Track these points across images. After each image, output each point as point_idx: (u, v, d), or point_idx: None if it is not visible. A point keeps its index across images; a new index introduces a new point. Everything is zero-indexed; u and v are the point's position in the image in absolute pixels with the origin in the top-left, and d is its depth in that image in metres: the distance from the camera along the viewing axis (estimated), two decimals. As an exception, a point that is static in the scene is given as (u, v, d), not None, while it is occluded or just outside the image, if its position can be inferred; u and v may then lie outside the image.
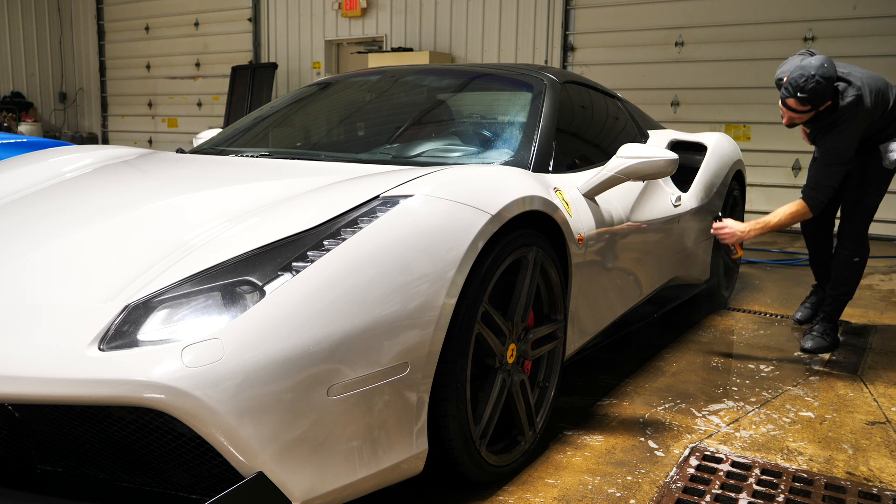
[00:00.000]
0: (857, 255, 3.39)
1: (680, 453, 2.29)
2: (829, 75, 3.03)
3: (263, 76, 10.15)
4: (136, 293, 1.57)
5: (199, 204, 2.04)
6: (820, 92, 3.03)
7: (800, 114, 3.14)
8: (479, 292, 1.87)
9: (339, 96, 3.41)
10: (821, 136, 3.21)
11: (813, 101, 3.06)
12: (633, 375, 3.00)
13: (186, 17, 11.66)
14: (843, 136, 3.13)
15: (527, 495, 2.00)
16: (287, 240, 1.69)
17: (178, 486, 1.52)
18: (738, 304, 4.24)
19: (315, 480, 1.53)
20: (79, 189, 2.33)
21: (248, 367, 1.44)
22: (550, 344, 2.28)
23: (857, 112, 3.11)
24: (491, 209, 1.91)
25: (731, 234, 3.28)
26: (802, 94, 3.04)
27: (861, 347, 3.46)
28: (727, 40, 7.53)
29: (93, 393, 1.40)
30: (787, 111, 3.17)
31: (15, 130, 11.56)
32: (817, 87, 3.02)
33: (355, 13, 9.90)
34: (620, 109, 3.71)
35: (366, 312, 1.60)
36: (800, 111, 3.12)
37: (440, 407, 1.80)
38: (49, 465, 1.57)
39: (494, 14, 8.95)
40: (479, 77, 3.25)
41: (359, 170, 2.34)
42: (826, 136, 3.18)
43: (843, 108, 3.11)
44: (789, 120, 3.21)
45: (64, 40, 13.08)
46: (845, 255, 3.40)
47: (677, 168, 2.64)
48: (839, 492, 2.08)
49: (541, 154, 2.61)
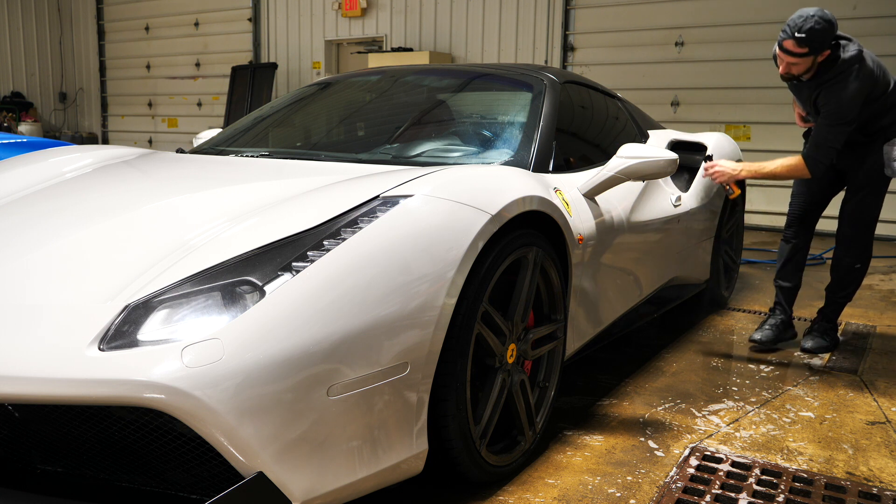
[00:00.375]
0: (860, 262, 3.29)
1: (680, 453, 2.29)
2: (828, 18, 2.88)
3: (263, 76, 10.16)
4: (136, 293, 1.57)
5: (199, 204, 2.04)
6: (819, 34, 2.86)
7: (797, 58, 2.94)
8: (479, 292, 1.87)
9: (339, 96, 3.41)
10: (823, 95, 3.03)
11: (811, 44, 2.88)
12: (633, 375, 3.00)
13: (186, 17, 11.66)
14: (846, 92, 2.96)
15: (527, 495, 2.00)
16: (287, 240, 1.69)
17: (178, 486, 1.52)
18: (738, 304, 4.24)
19: (315, 480, 1.53)
20: (79, 189, 2.33)
21: (248, 367, 1.44)
22: (550, 344, 2.28)
23: (860, 69, 2.96)
24: (491, 209, 1.91)
25: (721, 172, 3.20)
26: (800, 35, 2.87)
27: (861, 347, 3.46)
28: (727, 40, 7.53)
29: (93, 393, 1.40)
30: (784, 56, 2.98)
31: (15, 130, 11.56)
32: (816, 26, 2.85)
33: (355, 13, 9.90)
34: (620, 109, 3.71)
35: (366, 312, 1.60)
36: (797, 54, 2.93)
37: (440, 407, 1.80)
38: (49, 465, 1.57)
39: (494, 14, 8.95)
40: (479, 77, 3.25)
41: (359, 170, 2.34)
42: (828, 93, 3.00)
43: (844, 62, 2.96)
44: (786, 68, 3.02)
45: (64, 40, 13.08)
46: (848, 263, 3.29)
47: (677, 168, 2.64)
48: (839, 492, 2.08)
49: (541, 154, 2.61)
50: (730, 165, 3.18)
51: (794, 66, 2.98)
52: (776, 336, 3.39)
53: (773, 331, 3.40)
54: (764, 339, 3.38)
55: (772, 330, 3.40)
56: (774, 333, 3.39)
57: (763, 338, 3.38)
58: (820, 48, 2.91)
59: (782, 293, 3.48)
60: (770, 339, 3.38)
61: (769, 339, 3.38)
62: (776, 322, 3.43)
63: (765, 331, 3.40)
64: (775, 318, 3.44)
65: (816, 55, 2.94)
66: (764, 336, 3.38)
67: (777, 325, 3.41)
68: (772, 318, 3.46)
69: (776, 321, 3.43)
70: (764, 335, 3.39)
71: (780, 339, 3.41)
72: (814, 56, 2.94)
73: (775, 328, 3.40)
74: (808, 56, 2.93)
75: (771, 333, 3.39)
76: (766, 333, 3.39)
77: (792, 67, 3.00)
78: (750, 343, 3.40)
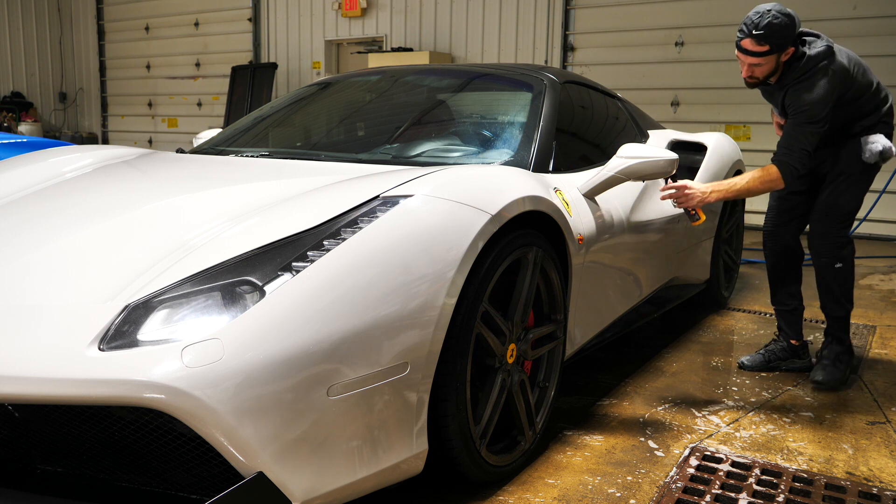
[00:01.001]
0: (839, 261, 2.89)
1: (680, 453, 2.29)
2: (787, 13, 2.66)
3: (263, 76, 10.16)
4: (136, 293, 1.57)
5: (199, 204, 2.04)
6: (779, 29, 2.64)
7: (758, 57, 2.70)
8: (479, 292, 1.87)
9: (339, 96, 3.41)
10: (790, 94, 2.78)
11: (771, 40, 2.65)
12: (633, 375, 3.00)
13: (186, 17, 11.66)
14: (815, 89, 2.70)
15: (527, 495, 2.00)
16: (287, 240, 1.69)
17: (178, 486, 1.52)
18: (738, 304, 4.24)
19: (315, 480, 1.53)
20: (79, 189, 2.33)
21: (248, 367, 1.44)
22: (550, 344, 2.28)
23: (829, 65, 2.71)
24: (491, 209, 1.91)
25: (689, 196, 2.75)
26: (758, 31, 2.65)
27: (861, 347, 3.46)
28: (727, 40, 7.50)
29: (93, 393, 1.40)
30: (744, 58, 2.74)
31: (15, 130, 11.56)
32: (774, 21, 2.63)
33: (355, 13, 9.90)
34: (620, 109, 3.71)
35: (366, 312, 1.60)
36: (757, 54, 2.69)
37: (440, 407, 1.80)
38: (49, 465, 1.57)
39: (494, 14, 8.95)
40: (479, 77, 3.25)
41: (359, 170, 2.34)
42: (795, 91, 2.75)
43: (810, 59, 2.72)
44: (748, 71, 2.77)
45: (64, 40, 13.08)
46: (825, 264, 2.91)
47: (677, 168, 2.64)
48: (839, 492, 2.08)
49: (541, 154, 2.61)
50: (698, 187, 2.75)
51: (757, 67, 2.75)
52: (764, 361, 3.11)
53: (762, 357, 3.13)
54: (747, 364, 3.12)
55: (762, 356, 3.13)
56: (763, 359, 3.12)
57: (748, 362, 3.13)
58: (782, 45, 2.69)
59: (780, 319, 3.19)
60: (753, 365, 3.11)
61: (753, 365, 3.11)
62: (772, 348, 3.14)
63: (754, 355, 3.16)
64: (773, 345, 3.16)
65: (779, 53, 2.71)
66: (748, 360, 3.14)
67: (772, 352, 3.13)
68: (771, 343, 3.18)
69: (773, 347, 3.15)
70: (750, 359, 3.14)
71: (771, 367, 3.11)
72: (776, 54, 2.71)
73: (764, 354, 3.13)
74: (769, 54, 2.70)
75: (759, 359, 3.12)
76: (754, 358, 3.14)
77: (755, 69, 2.77)
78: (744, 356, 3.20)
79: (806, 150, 2.73)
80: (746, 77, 2.82)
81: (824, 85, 2.71)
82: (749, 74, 2.80)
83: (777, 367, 3.11)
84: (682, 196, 2.75)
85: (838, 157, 2.90)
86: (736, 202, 4.16)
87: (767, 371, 3.08)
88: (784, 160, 2.75)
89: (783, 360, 3.12)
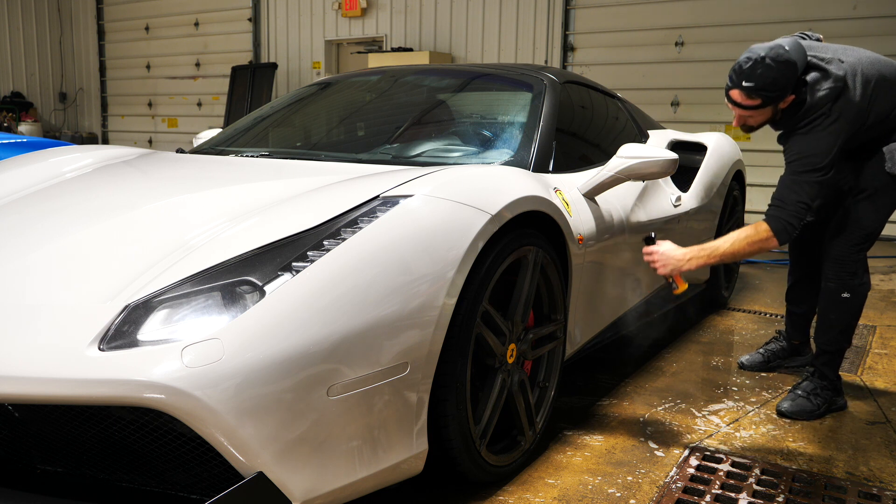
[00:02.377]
0: (848, 290, 2.55)
1: (680, 453, 2.29)
2: (784, 59, 2.30)
3: (263, 76, 10.16)
4: (136, 293, 1.57)
5: (199, 204, 2.04)
6: (771, 81, 2.31)
7: (750, 111, 2.41)
8: (479, 292, 1.87)
9: (339, 96, 3.41)
10: (786, 139, 2.47)
11: (763, 93, 2.34)
12: (633, 375, 3.00)
13: (186, 17, 11.66)
14: (816, 140, 2.36)
15: (527, 495, 2.00)
16: (287, 240, 1.69)
17: (178, 486, 1.52)
18: (738, 304, 4.24)
19: (315, 480, 1.53)
20: (79, 189, 2.33)
21: (248, 367, 1.44)
22: (550, 344, 2.29)
23: (838, 104, 2.35)
24: (491, 209, 1.91)
25: (664, 261, 2.46)
26: (748, 84, 2.33)
27: (861, 347, 3.46)
28: (727, 40, 7.52)
29: (93, 393, 1.40)
30: (734, 109, 2.46)
31: (15, 130, 11.56)
32: (767, 73, 2.30)
33: (355, 13, 9.90)
34: (620, 109, 3.71)
35: (366, 312, 1.60)
36: (748, 107, 2.39)
37: (440, 407, 1.80)
38: (49, 465, 1.57)
39: (494, 14, 8.95)
40: (479, 77, 3.25)
41: (359, 170, 2.34)
42: (792, 138, 2.43)
43: (813, 106, 2.36)
44: (740, 120, 2.48)
45: (64, 40, 13.08)
46: (831, 290, 2.58)
47: (677, 168, 2.64)
48: (839, 492, 2.08)
49: (541, 154, 2.61)
50: (675, 253, 2.45)
51: (750, 118, 2.45)
52: (764, 361, 3.08)
53: (762, 356, 3.09)
54: (746, 364, 3.09)
55: (761, 355, 3.09)
56: (762, 358, 3.08)
57: (747, 361, 3.09)
58: (778, 96, 2.35)
59: (787, 318, 3.09)
60: (753, 365, 3.08)
61: (752, 365, 3.08)
62: (772, 348, 3.10)
63: (753, 355, 3.13)
64: (773, 344, 3.12)
65: (775, 105, 2.39)
66: (747, 360, 3.10)
67: (771, 352, 3.09)
68: (771, 343, 3.14)
69: (773, 347, 3.11)
70: (749, 358, 3.11)
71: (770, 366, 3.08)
72: (772, 105, 2.39)
73: (764, 354, 3.10)
74: (762, 108, 2.39)
75: (760, 359, 3.09)
76: (753, 357, 3.11)
77: (747, 119, 2.46)
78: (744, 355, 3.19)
79: (803, 202, 2.37)
80: (738, 126, 2.52)
81: (828, 134, 2.36)
82: (741, 124, 2.50)
83: (777, 367, 3.08)
84: (658, 261, 2.48)
85: (862, 169, 2.55)
86: (735, 203, 4.16)
87: (767, 371, 3.08)
88: (776, 215, 2.40)
89: (783, 358, 3.09)
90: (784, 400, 2.65)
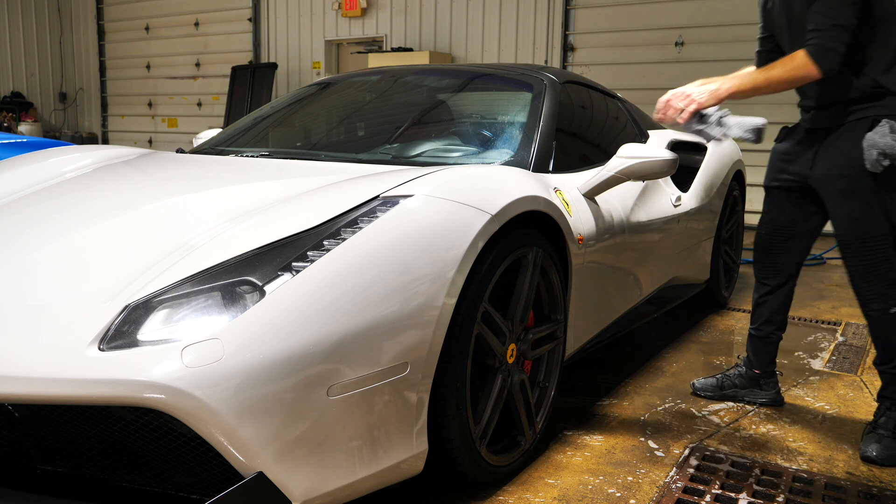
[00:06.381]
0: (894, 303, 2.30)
1: (680, 453, 2.29)
2: None
3: (263, 76, 10.16)
4: (136, 293, 1.57)
5: (199, 204, 2.04)
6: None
7: None
8: (479, 292, 1.87)
9: (339, 96, 3.41)
10: None
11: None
12: (633, 375, 3.00)
13: (186, 17, 11.67)
14: None
15: (527, 495, 2.00)
16: (287, 240, 1.69)
17: (178, 486, 1.52)
18: (738, 304, 4.24)
19: (315, 480, 1.53)
20: (79, 189, 2.33)
21: (248, 367, 1.44)
22: (550, 344, 2.29)
23: None
24: (491, 209, 1.91)
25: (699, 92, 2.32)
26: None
27: (861, 347, 3.46)
28: (727, 40, 7.53)
29: (93, 393, 1.40)
30: None
31: (15, 130, 11.56)
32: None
33: (355, 13, 9.90)
34: (620, 109, 3.71)
35: (366, 312, 1.60)
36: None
37: (440, 407, 1.80)
38: (49, 465, 1.57)
39: (494, 14, 8.95)
40: (479, 77, 3.25)
41: (359, 170, 2.34)
42: None
43: None
44: None
45: (64, 40, 13.08)
46: (876, 313, 2.32)
47: (677, 168, 2.64)
48: (839, 492, 2.08)
49: (541, 154, 2.61)
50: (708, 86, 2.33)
51: None
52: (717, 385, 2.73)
53: (716, 381, 2.74)
54: (698, 387, 2.75)
55: (716, 380, 2.74)
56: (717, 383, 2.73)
57: (699, 385, 2.76)
58: None
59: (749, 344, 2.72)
60: (705, 388, 2.74)
61: (703, 388, 2.74)
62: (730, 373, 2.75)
63: (708, 378, 2.78)
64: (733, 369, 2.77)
65: None
66: (700, 383, 2.77)
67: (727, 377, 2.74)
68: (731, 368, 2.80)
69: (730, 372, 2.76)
70: (702, 382, 2.77)
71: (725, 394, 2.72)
72: None
73: (719, 379, 2.75)
74: None
75: (712, 383, 2.74)
76: (706, 381, 2.76)
77: None
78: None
79: (841, 24, 2.15)
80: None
81: None
82: None
83: (734, 397, 2.70)
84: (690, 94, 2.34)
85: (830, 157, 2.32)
86: (735, 203, 4.16)
87: (720, 399, 2.71)
88: (813, 42, 2.18)
89: (739, 388, 2.70)
90: (867, 444, 2.31)
